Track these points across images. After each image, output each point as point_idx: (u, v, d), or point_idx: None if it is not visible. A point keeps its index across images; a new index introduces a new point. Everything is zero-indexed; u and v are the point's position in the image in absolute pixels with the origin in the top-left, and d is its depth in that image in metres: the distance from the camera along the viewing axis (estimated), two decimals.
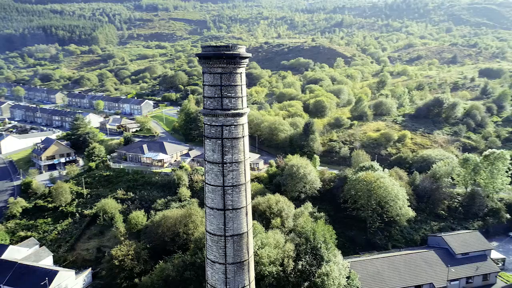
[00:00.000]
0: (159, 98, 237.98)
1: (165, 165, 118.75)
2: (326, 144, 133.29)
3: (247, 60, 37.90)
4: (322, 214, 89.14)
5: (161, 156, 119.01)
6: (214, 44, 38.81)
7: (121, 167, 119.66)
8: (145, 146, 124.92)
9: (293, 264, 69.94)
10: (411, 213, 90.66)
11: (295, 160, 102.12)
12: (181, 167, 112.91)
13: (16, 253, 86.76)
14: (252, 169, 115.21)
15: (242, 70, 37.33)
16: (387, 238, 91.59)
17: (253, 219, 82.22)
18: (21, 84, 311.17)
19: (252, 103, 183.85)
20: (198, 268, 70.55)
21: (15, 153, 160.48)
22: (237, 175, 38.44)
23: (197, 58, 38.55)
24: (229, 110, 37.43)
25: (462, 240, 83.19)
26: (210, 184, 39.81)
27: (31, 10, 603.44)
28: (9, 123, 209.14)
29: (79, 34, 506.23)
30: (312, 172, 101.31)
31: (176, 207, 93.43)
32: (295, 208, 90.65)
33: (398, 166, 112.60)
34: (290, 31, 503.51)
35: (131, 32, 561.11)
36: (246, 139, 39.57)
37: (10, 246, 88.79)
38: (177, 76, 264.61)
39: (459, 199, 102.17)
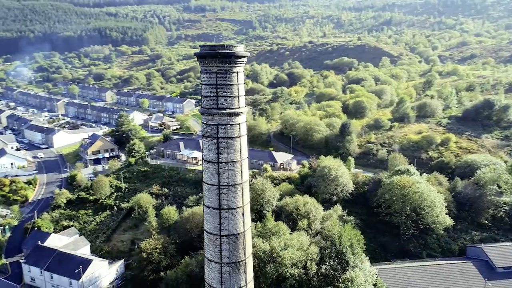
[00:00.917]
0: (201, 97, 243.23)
1: (200, 162, 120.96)
2: (363, 146, 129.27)
3: (244, 59, 37.44)
4: (351, 217, 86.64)
5: (195, 153, 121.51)
6: (224, 43, 38.76)
7: (158, 163, 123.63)
8: (181, 144, 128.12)
9: (316, 267, 68.49)
10: (449, 221, 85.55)
11: (327, 162, 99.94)
12: None
13: (57, 241, 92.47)
14: (284, 169, 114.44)
15: (239, 69, 36.95)
16: (422, 246, 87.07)
17: (280, 219, 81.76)
18: (76, 83, 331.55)
19: (290, 103, 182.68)
20: None
21: (66, 147, 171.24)
22: (232, 174, 38.18)
23: (196, 57, 38.72)
24: (224, 109, 37.27)
25: (505, 252, 77.16)
26: (206, 183, 40.00)
27: (89, 13, 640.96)
28: (63, 119, 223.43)
29: (131, 35, 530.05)
30: (344, 174, 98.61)
31: None
32: (324, 211, 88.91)
33: (439, 171, 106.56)
34: (336, 30, 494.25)
35: (179, 33, 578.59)
36: (244, 139, 39.15)
37: (52, 234, 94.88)
38: None
39: (506, 208, 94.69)
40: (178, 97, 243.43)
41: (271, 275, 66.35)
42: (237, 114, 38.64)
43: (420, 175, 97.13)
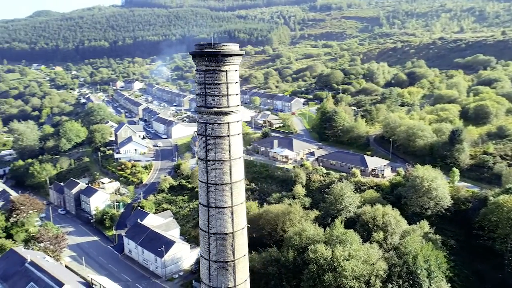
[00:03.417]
0: (311, 97, 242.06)
1: (289, 161, 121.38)
2: (477, 157, 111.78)
3: (233, 57, 35.98)
4: (437, 236, 76.32)
5: (286, 152, 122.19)
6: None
7: (251, 159, 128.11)
8: (275, 142, 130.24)
9: (381, 285, 62.82)
10: None
11: (421, 171, 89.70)
12: (302, 165, 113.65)
13: (153, 221, 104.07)
14: (375, 175, 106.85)
15: (228, 68, 35.70)
16: None
17: (352, 228, 76.98)
18: None
19: (401, 105, 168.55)
20: (281, 265, 70.90)
21: (181, 138, 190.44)
22: (220, 174, 37.23)
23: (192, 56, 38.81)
24: (212, 108, 36.53)
25: None
26: (199, 180, 40.15)
27: (222, 17, 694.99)
28: (185, 113, 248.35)
29: (256, 36, 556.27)
30: (440, 187, 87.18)
31: (289, 204, 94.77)
32: (409, 225, 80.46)
33: None
34: (477, 24, 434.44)
35: (303, 33, 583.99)
36: (234, 139, 37.70)
37: (150, 214, 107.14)
38: (332, 74, 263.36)
39: None
40: (289, 95, 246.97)
41: (328, 284, 63.28)
42: (225, 113, 37.94)
43: None
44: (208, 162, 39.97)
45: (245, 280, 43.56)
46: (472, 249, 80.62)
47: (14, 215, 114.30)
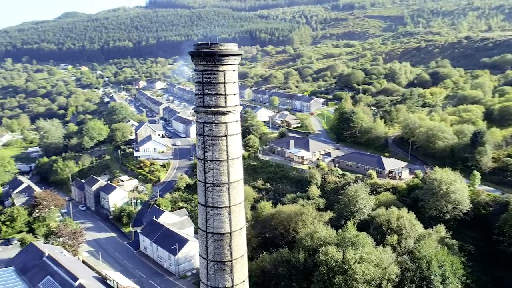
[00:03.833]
0: (330, 97, 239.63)
1: (305, 162, 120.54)
2: (500, 160, 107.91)
3: (231, 57, 35.63)
4: (454, 241, 74.09)
5: (302, 152, 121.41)
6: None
7: (267, 159, 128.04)
8: (291, 142, 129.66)
9: None
10: None
11: (439, 174, 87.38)
12: (317, 166, 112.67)
13: (168, 219, 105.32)
14: (392, 177, 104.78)
15: (226, 68, 35.39)
16: None
17: (365, 231, 75.76)
18: None
19: (422, 106, 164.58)
20: (292, 266, 70.47)
21: None
22: (217, 173, 37.09)
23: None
24: (209, 107, 36.39)
25: None
26: (198, 179, 40.14)
27: (244, 17, 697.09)
28: None
29: (278, 36, 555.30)
30: (459, 190, 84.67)
31: (302, 204, 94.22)
32: (426, 229, 78.50)
33: None
34: (506, 23, 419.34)
35: (324, 32, 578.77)
36: (232, 139, 37.43)
37: (166, 212, 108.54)
38: (353, 74, 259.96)
39: None
40: (308, 95, 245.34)
41: (339, 287, 62.45)
42: (222, 113, 37.76)
43: None
44: (206, 162, 40.18)
45: (243, 281, 43.49)
46: (492, 256, 77.90)
47: (37, 210, 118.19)
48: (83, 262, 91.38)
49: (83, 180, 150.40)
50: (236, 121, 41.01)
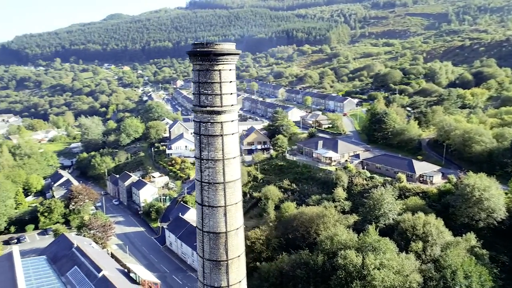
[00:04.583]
0: (365, 97, 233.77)
1: (333, 163, 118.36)
2: None
3: (226, 57, 34.99)
4: (485, 251, 69.97)
5: (329, 153, 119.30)
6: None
7: (294, 159, 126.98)
8: (320, 142, 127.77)
9: None
10: None
11: (472, 179, 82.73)
12: (345, 168, 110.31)
13: (193, 215, 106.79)
14: (423, 181, 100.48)
15: (222, 67, 34.82)
16: None
17: (390, 236, 73.28)
18: (257, 80, 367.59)
19: (461, 107, 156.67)
20: (310, 269, 69.46)
21: None
22: (213, 173, 36.65)
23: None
24: (205, 107, 36.02)
25: None
26: (195, 178, 40.09)
27: (281, 16, 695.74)
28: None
29: (315, 35, 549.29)
30: (494, 197, 79.75)
31: (324, 206, 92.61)
32: (456, 237, 74.64)
33: None
34: None
35: (363, 31, 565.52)
36: (228, 139, 36.86)
37: (191, 209, 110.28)
38: (390, 74, 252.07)
39: None
40: (342, 96, 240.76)
41: None
42: (218, 113, 37.40)
43: None
44: (202, 161, 40.34)
45: (240, 281, 43.23)
46: None
47: (72, 203, 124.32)
48: (111, 254, 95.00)
49: (117, 176, 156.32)
50: (232, 121, 40.89)
